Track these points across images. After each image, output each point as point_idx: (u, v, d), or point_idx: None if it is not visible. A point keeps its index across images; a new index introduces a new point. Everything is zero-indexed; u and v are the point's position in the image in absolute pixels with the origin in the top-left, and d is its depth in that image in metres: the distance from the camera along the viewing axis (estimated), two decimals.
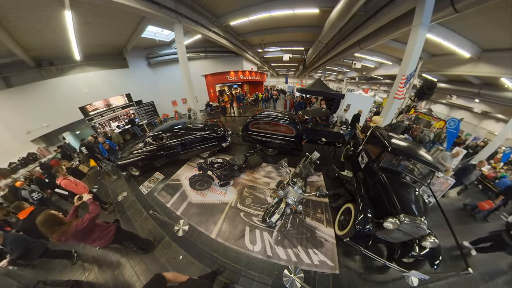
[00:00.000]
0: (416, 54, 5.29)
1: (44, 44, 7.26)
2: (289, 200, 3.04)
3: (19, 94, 8.00)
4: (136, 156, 5.50)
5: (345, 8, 5.12)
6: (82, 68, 9.82)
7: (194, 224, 3.77)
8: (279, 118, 5.61)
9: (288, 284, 2.75)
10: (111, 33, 8.42)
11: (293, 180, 3.33)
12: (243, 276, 2.87)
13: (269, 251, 3.18)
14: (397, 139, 3.75)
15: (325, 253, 3.15)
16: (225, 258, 3.12)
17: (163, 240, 3.54)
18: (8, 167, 7.81)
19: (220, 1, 7.14)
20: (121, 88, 11.22)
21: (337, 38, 9.17)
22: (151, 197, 4.75)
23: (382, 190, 3.15)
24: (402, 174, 3.37)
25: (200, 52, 13.18)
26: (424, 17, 4.69)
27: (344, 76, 24.13)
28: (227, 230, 3.57)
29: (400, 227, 2.65)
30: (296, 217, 3.78)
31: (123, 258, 3.32)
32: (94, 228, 2.45)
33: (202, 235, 3.55)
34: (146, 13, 5.72)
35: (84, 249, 3.62)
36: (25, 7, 4.98)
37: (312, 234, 3.47)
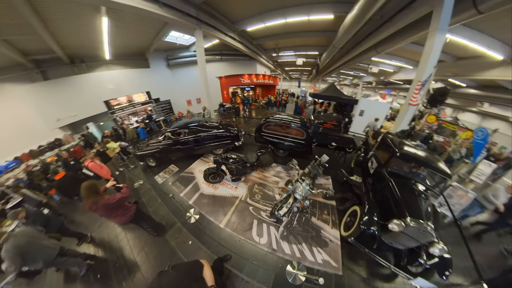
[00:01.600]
0: (434, 59, 5.14)
1: (78, 43, 8.02)
2: (297, 195, 3.18)
3: (53, 86, 8.88)
4: (154, 148, 5.90)
5: (360, 13, 5.10)
6: (108, 66, 10.64)
7: (205, 213, 3.99)
8: (290, 121, 5.77)
9: (291, 279, 2.82)
10: (137, 36, 9.13)
11: (302, 178, 3.47)
12: (247, 266, 2.99)
13: (274, 244, 3.28)
14: (408, 145, 3.70)
15: (329, 253, 3.17)
16: (232, 247, 3.29)
17: (175, 225, 3.79)
18: (37, 149, 8.63)
19: (238, 7, 7.53)
20: (142, 86, 12.00)
21: (352, 42, 9.09)
22: (165, 186, 5.08)
23: (390, 194, 3.12)
24: (412, 180, 3.31)
25: (216, 55, 13.77)
26: (441, 22, 4.57)
27: (360, 81, 23.18)
28: (236, 222, 3.75)
29: (406, 231, 2.61)
30: (303, 216, 3.86)
31: (135, 240, 3.61)
32: (120, 206, 2.74)
33: (211, 224, 3.76)
34: (171, 19, 6.20)
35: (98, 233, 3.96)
36: (71, 13, 5.65)
37: (317, 233, 3.53)
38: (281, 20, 7.52)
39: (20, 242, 2.34)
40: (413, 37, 6.46)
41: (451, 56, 8.89)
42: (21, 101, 8.31)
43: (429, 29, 4.93)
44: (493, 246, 3.75)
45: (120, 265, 3.20)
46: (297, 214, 3.87)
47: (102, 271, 3.14)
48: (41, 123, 8.91)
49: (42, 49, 7.55)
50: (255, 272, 2.91)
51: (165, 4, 5.50)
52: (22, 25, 5.45)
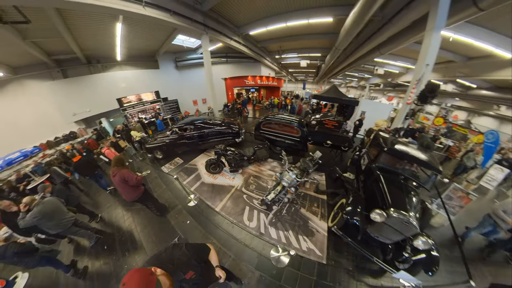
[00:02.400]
0: (431, 58, 5.15)
1: (96, 46, 8.77)
2: (283, 183, 3.57)
3: (72, 83, 9.71)
4: (162, 141, 6.46)
5: (358, 16, 5.16)
6: (121, 67, 11.41)
7: (204, 198, 4.44)
8: (287, 120, 6.15)
9: (275, 261, 3.00)
10: (148, 40, 9.82)
11: (291, 168, 3.88)
12: (236, 246, 3.30)
13: (262, 229, 3.58)
14: (398, 141, 3.77)
15: (315, 243, 3.29)
16: (224, 228, 3.68)
17: (176, 207, 4.26)
18: (53, 140, 9.50)
19: (241, 13, 8.00)
20: (151, 85, 12.74)
21: (355, 44, 9.18)
22: (170, 175, 5.58)
23: (377, 188, 3.16)
24: (401, 175, 3.33)
25: (222, 57, 14.32)
26: (437, 21, 4.59)
27: (367, 83, 22.86)
28: (230, 207, 4.16)
29: (388, 222, 2.63)
30: (292, 207, 4.13)
31: (139, 219, 4.09)
32: (132, 183, 3.22)
33: (208, 208, 4.19)
34: (180, 26, 6.73)
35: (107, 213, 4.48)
36: (92, 20, 6.31)
37: (305, 223, 3.69)
38: (282, 24, 7.86)
39: (47, 208, 2.86)
40: (415, 37, 6.35)
41: (461, 56, 8.58)
42: (43, 97, 9.15)
43: (426, 29, 4.99)
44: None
45: (125, 239, 3.67)
46: (287, 205, 4.15)
47: (108, 244, 3.61)
48: (59, 117, 9.76)
49: (64, 50, 8.34)
50: (242, 252, 3.19)
51: (176, 12, 6.04)
52: (50, 29, 6.16)
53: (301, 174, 4.06)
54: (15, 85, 8.66)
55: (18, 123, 8.78)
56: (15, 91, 8.70)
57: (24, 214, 2.69)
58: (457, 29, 5.83)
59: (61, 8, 5.30)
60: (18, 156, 7.44)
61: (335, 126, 6.63)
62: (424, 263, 2.58)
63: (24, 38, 6.41)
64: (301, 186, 4.75)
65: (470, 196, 3.98)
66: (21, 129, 8.85)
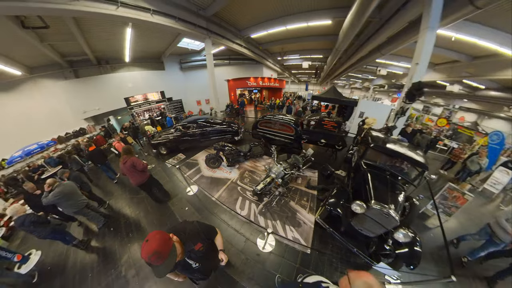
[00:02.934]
0: (425, 57, 5.14)
1: (106, 48, 9.33)
2: (271, 174, 3.94)
3: (82, 83, 10.33)
4: (166, 138, 6.94)
5: (355, 18, 5.26)
6: (129, 68, 11.99)
7: (202, 189, 4.84)
8: (282, 119, 6.46)
9: (261, 246, 3.26)
10: (154, 43, 10.36)
11: (280, 162, 4.24)
12: (228, 230, 3.65)
13: (252, 217, 3.90)
14: (387, 139, 3.95)
15: (301, 233, 3.48)
16: (218, 214, 4.07)
17: (177, 196, 4.70)
18: (64, 135, 10.16)
19: (242, 18, 8.42)
20: (157, 86, 13.31)
21: (355, 45, 9.32)
22: (173, 169, 6.04)
23: (363, 183, 3.25)
24: (387, 171, 3.40)
25: (225, 59, 14.75)
26: (430, 21, 4.62)
27: (371, 84, 22.41)
28: (225, 196, 4.55)
29: (369, 213, 2.71)
30: (282, 199, 4.42)
31: (143, 206, 4.54)
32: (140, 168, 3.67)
33: (206, 197, 4.60)
34: (184, 31, 7.17)
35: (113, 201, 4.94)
36: (104, 25, 6.84)
37: (293, 214, 3.93)
38: (282, 27, 8.17)
39: (66, 189, 3.30)
40: (414, 38, 6.25)
41: (466, 56, 8.37)
42: (56, 95, 9.77)
43: (420, 28, 5.01)
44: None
45: (129, 223, 4.09)
46: (277, 197, 4.44)
47: (114, 226, 4.04)
48: (70, 114, 10.40)
49: (76, 52, 8.92)
50: (232, 236, 3.50)
51: (181, 19, 6.49)
52: (66, 33, 6.70)
53: (290, 168, 4.41)
54: (31, 83, 9.25)
55: (32, 119, 9.39)
56: (31, 89, 9.29)
57: (47, 193, 3.15)
58: (459, 28, 5.82)
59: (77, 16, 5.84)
60: (35, 148, 8.16)
61: (334, 127, 6.73)
62: (406, 257, 2.60)
63: (42, 41, 6.97)
64: (292, 180, 5.10)
65: (466, 196, 3.84)
66: (35, 124, 9.46)
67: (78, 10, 4.44)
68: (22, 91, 9.09)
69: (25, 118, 9.17)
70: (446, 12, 4.60)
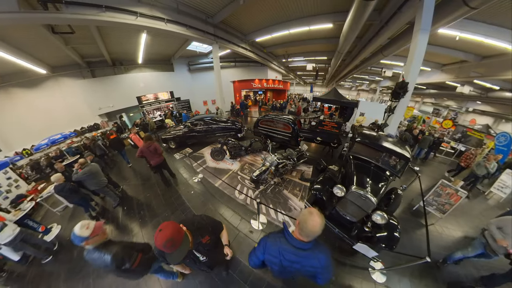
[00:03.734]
0: (419, 58, 5.19)
1: (121, 50, 10.11)
2: (266, 162, 4.49)
3: (99, 82, 11.18)
4: (175, 134, 7.63)
5: (353, 22, 5.46)
6: (141, 69, 12.81)
7: (206, 177, 5.43)
8: (280, 118, 6.97)
9: (253, 224, 3.75)
10: (165, 46, 11.15)
11: (275, 153, 4.78)
12: (225, 210, 4.19)
13: (248, 201, 4.42)
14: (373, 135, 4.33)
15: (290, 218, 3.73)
16: (219, 197, 4.63)
17: (184, 182, 5.33)
18: (80, 129, 11.05)
19: (247, 23, 9.01)
20: (167, 86, 14.11)
21: (358, 46, 9.50)
22: (181, 161, 6.69)
23: (348, 172, 3.55)
24: (372, 163, 3.67)
25: (231, 61, 15.44)
26: (423, 23, 4.72)
27: (378, 86, 22.01)
28: (226, 184, 5.05)
29: (350, 197, 2.98)
30: (277, 188, 4.91)
31: (153, 189, 5.16)
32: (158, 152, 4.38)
33: (209, 183, 5.18)
34: (193, 37, 7.83)
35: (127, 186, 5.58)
36: (122, 31, 7.56)
37: (285, 201, 4.39)
38: (285, 31, 8.43)
39: (92, 169, 3.94)
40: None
41: (474, 55, 8.17)
42: (75, 92, 10.64)
43: (414, 30, 5.12)
44: None
45: (141, 203, 4.68)
46: (272, 186, 4.96)
47: (127, 206, 4.64)
48: (86, 110, 11.27)
49: (94, 53, 9.74)
50: (229, 215, 4.05)
51: (191, 26, 7.15)
52: (88, 38, 7.48)
53: (283, 159, 4.94)
54: (52, 81, 10.14)
55: (53, 113, 10.30)
56: (52, 86, 10.18)
57: (77, 171, 3.80)
58: (463, 27, 5.79)
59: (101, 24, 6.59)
60: (59, 137, 9.30)
61: (334, 128, 6.88)
62: (384, 239, 2.79)
63: (67, 44, 7.79)
64: (288, 173, 5.60)
65: (459, 193, 3.80)
66: (56, 118, 10.38)
67: (103, 20, 5.15)
68: (45, 88, 9.99)
69: (48, 112, 10.08)
70: (443, 13, 4.69)
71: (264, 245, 1.45)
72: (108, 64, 11.28)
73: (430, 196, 4.20)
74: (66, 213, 4.75)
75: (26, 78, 9.01)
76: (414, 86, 5.53)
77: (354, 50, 10.14)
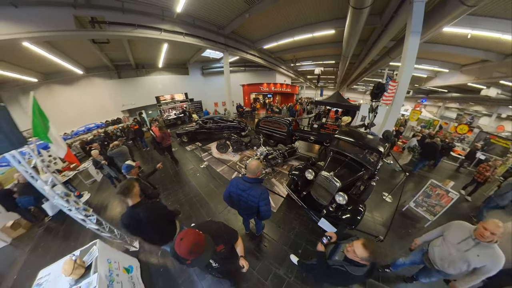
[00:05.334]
0: (411, 59, 5.17)
1: (144, 56, 11.62)
2: (257, 152, 5.41)
3: (123, 82, 12.77)
4: (188, 130, 8.86)
5: (351, 27, 5.73)
6: (160, 72, 14.29)
7: (211, 164, 6.47)
8: (278, 119, 7.82)
9: None
10: (182, 53, 12.55)
11: (267, 147, 5.69)
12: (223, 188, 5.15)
13: None
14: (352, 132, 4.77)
15: (272, 199, 4.20)
16: (219, 179, 5.57)
17: (192, 167, 6.40)
18: (105, 122, 12.60)
19: (255, 32, 10.02)
20: (182, 88, 15.55)
21: (365, 50, 9.71)
22: (191, 152, 7.84)
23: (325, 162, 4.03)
24: (347, 156, 4.08)
25: (240, 66, 16.60)
26: (413, 26, 4.78)
27: None
28: (226, 170, 6.05)
29: (318, 180, 3.46)
30: (266, 176, 5.68)
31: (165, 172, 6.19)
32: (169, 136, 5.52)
33: (213, 169, 6.18)
34: (207, 47, 9.05)
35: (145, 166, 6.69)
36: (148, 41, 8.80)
37: (271, 186, 5.13)
38: (290, 39, 9.25)
39: (123, 150, 5.06)
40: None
41: (496, 54, 7.66)
42: (103, 90, 12.30)
43: (405, 33, 5.17)
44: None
45: (156, 179, 5.65)
46: (263, 174, 5.65)
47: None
48: (111, 106, 12.94)
49: (122, 58, 11.27)
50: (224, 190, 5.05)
51: (205, 38, 8.35)
52: (118, 46, 8.90)
53: (272, 151, 5.81)
54: (86, 80, 11.79)
55: (84, 107, 11.98)
56: (85, 84, 11.84)
57: (111, 150, 4.94)
58: (473, 24, 5.59)
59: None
60: (93, 126, 11.36)
61: (335, 130, 6.98)
62: (347, 220, 3.08)
63: (101, 50, 9.26)
64: (279, 166, 6.43)
65: (450, 194, 3.60)
66: (87, 111, 12.09)
67: (135, 36, 6.43)
68: (80, 86, 11.65)
69: (81, 105, 11.79)
70: (442, 12, 4.64)
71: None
72: (132, 67, 12.82)
73: (420, 196, 4.06)
74: (94, 186, 5.98)
75: (65, 77, 10.71)
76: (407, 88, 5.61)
77: (361, 53, 10.29)
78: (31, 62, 8.04)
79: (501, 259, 1.65)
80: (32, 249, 3.75)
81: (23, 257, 3.58)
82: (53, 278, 1.96)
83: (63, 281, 1.89)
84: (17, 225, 4.22)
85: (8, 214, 4.27)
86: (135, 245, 3.38)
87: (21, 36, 4.81)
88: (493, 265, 1.67)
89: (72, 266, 1.85)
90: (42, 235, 4.14)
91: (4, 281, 3.12)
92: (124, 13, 5.90)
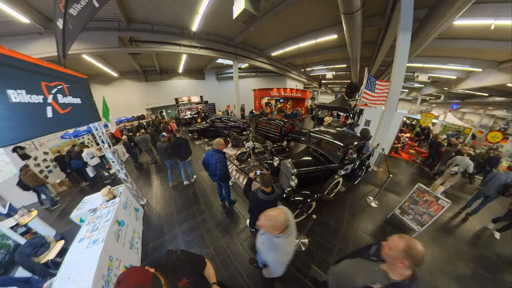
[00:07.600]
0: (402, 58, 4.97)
1: (168, 63, 13.58)
2: (246, 145, 6.62)
3: (149, 85, 14.97)
4: (199, 128, 10.40)
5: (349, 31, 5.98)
6: (180, 77, 16.28)
7: None
8: (271, 121, 8.89)
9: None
10: (199, 61, 14.30)
11: (255, 143, 6.88)
12: None
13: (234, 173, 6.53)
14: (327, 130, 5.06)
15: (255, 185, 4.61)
16: None
17: (197, 156, 7.75)
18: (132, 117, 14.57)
19: (262, 41, 11.22)
20: (198, 91, 17.50)
21: (375, 51, 9.41)
22: (199, 146, 9.29)
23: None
24: (318, 150, 4.55)
25: (252, 72, 17.96)
26: (402, 23, 4.72)
27: (419, 94, 18.45)
28: None
29: (281, 167, 4.12)
30: (253, 168, 6.70)
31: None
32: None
33: None
34: (218, 57, 10.47)
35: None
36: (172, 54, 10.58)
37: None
38: (295, 46, 9.97)
39: (146, 137, 6.65)
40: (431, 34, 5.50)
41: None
42: (133, 91, 14.54)
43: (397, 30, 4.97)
44: None
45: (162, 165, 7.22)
46: (251, 166, 6.86)
47: (159, 165, 7.19)
48: (138, 104, 15.19)
49: (149, 65, 13.36)
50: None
51: (216, 49, 9.84)
52: (147, 55, 10.81)
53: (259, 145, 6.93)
54: (119, 82, 14.09)
55: (116, 103, 14.12)
56: (118, 85, 14.13)
57: (137, 136, 6.54)
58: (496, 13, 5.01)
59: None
60: (124, 119, 13.24)
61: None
62: (298, 202, 3.45)
63: (134, 59, 11.27)
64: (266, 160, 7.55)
65: (440, 202, 3.11)
66: (117, 107, 14.21)
67: (161, 50, 8.16)
68: (114, 86, 13.94)
69: (114, 102, 13.84)
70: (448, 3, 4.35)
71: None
72: (157, 72, 14.93)
73: (406, 202, 3.63)
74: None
75: (105, 78, 13.00)
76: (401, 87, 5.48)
77: (373, 55, 9.93)
78: (84, 68, 10.29)
79: None
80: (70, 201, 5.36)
81: (64, 204, 5.26)
82: (94, 199, 3.44)
83: (100, 200, 3.30)
84: (62, 183, 5.95)
85: (59, 174, 6.06)
86: (144, 200, 4.79)
87: (83, 52, 6.74)
88: None
89: (107, 191, 3.27)
90: (77, 194, 5.77)
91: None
92: (154, 33, 7.60)
